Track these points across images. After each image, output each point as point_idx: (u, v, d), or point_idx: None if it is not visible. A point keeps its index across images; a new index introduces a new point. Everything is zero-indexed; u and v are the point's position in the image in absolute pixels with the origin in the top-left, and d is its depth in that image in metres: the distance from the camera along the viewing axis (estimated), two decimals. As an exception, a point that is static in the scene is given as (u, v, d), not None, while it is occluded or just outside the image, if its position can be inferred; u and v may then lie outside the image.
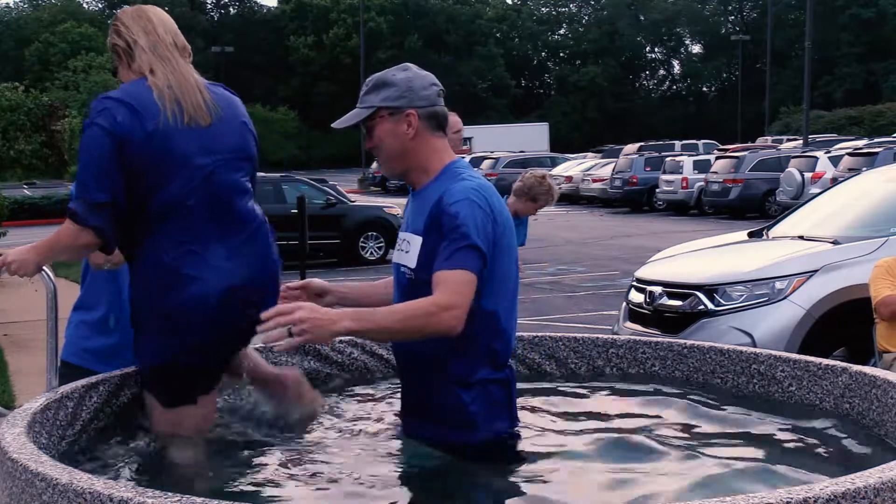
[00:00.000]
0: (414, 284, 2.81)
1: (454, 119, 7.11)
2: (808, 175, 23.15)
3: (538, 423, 3.04)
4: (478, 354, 2.81)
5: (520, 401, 2.98)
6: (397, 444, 2.91)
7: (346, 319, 2.63)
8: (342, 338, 3.57)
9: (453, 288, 2.68)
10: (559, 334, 3.66)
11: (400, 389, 3.02)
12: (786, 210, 10.40)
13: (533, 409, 3.17)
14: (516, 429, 2.90)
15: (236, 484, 2.59)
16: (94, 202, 2.82)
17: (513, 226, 2.92)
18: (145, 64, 2.98)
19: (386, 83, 2.89)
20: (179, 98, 2.92)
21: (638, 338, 3.66)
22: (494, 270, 2.79)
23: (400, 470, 2.74)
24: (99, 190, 2.81)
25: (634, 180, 31.91)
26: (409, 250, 2.86)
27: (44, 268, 3.06)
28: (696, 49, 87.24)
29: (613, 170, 33.25)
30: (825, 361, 3.10)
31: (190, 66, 3.10)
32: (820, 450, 2.77)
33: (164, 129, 2.84)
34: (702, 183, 28.12)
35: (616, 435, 2.91)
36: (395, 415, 3.10)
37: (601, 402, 3.32)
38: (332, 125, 3.02)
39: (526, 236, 6.64)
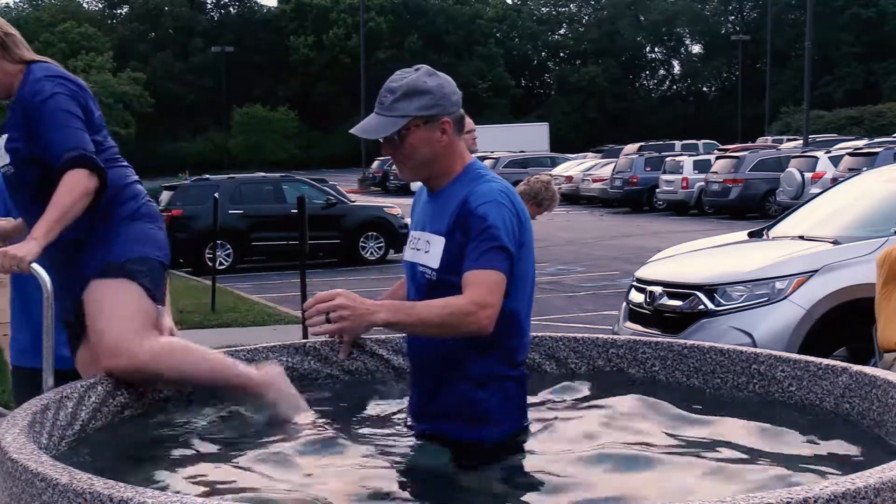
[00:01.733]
0: (435, 285, 2.82)
1: (467, 120, 7.13)
2: (808, 175, 23.16)
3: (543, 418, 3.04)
4: (498, 352, 2.83)
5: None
6: (405, 442, 2.91)
7: (383, 311, 2.68)
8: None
9: (488, 287, 2.71)
10: (559, 334, 3.66)
11: (410, 389, 3.03)
12: (786, 210, 10.40)
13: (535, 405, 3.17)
14: (527, 425, 2.92)
15: (237, 483, 2.59)
16: (90, 150, 3.13)
17: (531, 228, 2.94)
18: (26, 52, 3.35)
19: (419, 90, 2.84)
20: None
21: (638, 338, 3.66)
22: (516, 270, 2.81)
23: (407, 469, 2.73)
24: (87, 141, 3.15)
25: (634, 180, 31.91)
26: (429, 250, 2.86)
27: (39, 268, 3.06)
28: (696, 49, 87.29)
29: (613, 170, 33.27)
30: (825, 361, 3.10)
31: None
32: (820, 450, 2.77)
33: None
34: (702, 183, 28.14)
35: (617, 434, 2.91)
36: (403, 413, 3.10)
37: (603, 400, 3.32)
38: (354, 132, 2.98)
39: None
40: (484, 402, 2.81)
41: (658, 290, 7.14)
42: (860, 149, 23.54)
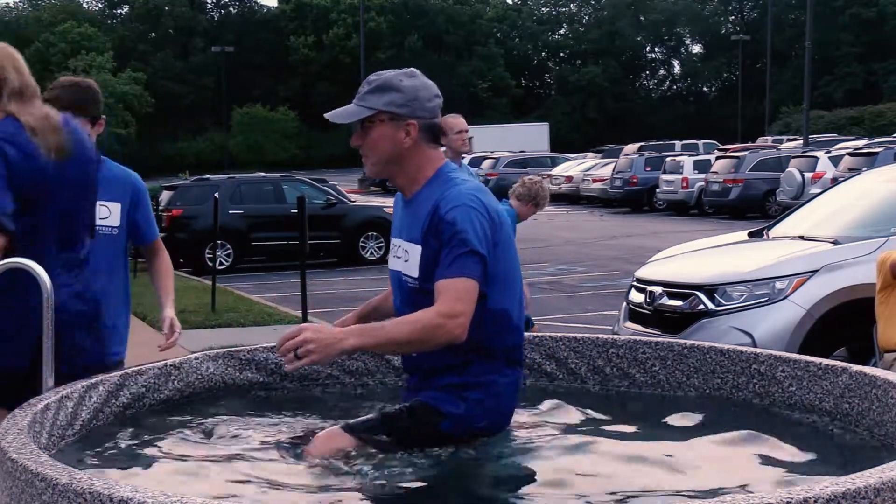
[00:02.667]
0: (419, 293, 2.82)
1: (459, 121, 7.18)
2: (808, 175, 23.17)
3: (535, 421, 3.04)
4: (497, 355, 2.84)
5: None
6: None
7: (351, 337, 2.67)
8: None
9: (456, 296, 2.69)
10: (559, 334, 3.66)
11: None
12: (786, 210, 10.40)
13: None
14: (509, 427, 2.91)
15: (238, 483, 2.59)
16: (5, 211, 3.00)
17: (509, 222, 2.94)
18: (13, 105, 3.15)
19: (392, 87, 2.86)
20: (41, 136, 3.14)
21: (638, 338, 3.66)
22: (498, 269, 2.81)
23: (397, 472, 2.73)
24: (6, 200, 3.01)
25: (634, 180, 31.92)
26: (408, 259, 2.87)
27: (39, 268, 3.06)
28: (697, 49, 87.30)
29: (613, 170, 33.28)
30: (825, 361, 3.10)
31: (46, 105, 3.28)
32: (820, 450, 2.77)
33: (36, 163, 3.09)
34: (702, 183, 28.15)
35: (613, 433, 2.91)
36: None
37: (599, 403, 3.32)
38: (327, 116, 3.00)
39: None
40: (476, 402, 2.80)
41: (658, 290, 7.14)
42: (860, 149, 23.55)
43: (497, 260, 2.80)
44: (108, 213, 3.93)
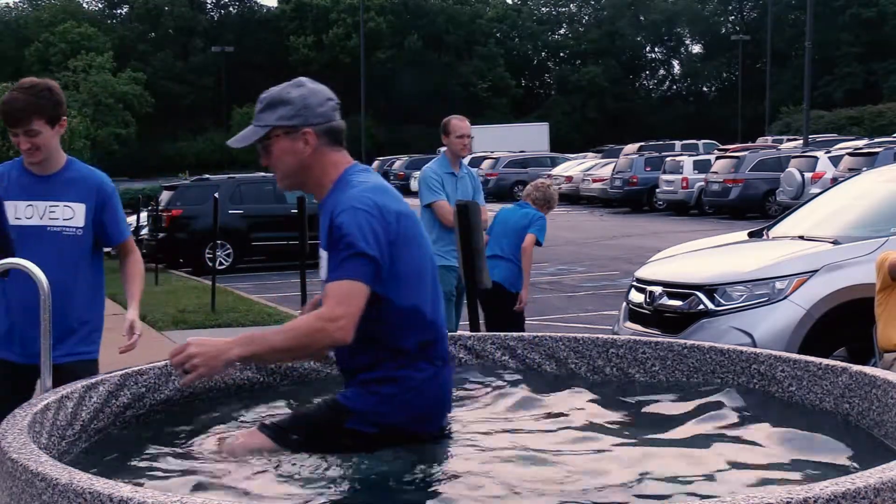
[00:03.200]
0: None
1: (463, 125, 7.25)
2: (808, 175, 23.16)
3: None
4: (410, 351, 2.82)
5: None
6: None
7: (235, 347, 2.69)
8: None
9: (337, 300, 2.69)
10: (559, 334, 3.66)
11: None
12: (786, 210, 10.40)
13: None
14: (439, 430, 2.89)
15: (238, 482, 2.59)
16: None
17: (415, 219, 2.90)
18: None
19: (282, 101, 2.88)
20: None
21: (638, 338, 3.66)
22: (399, 267, 2.79)
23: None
24: None
25: (634, 180, 31.92)
26: (322, 265, 2.88)
27: (37, 269, 3.08)
28: (696, 49, 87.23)
29: (613, 170, 33.27)
30: (825, 361, 3.10)
31: None
32: (820, 450, 2.77)
33: None
34: (702, 183, 28.14)
35: (612, 433, 2.91)
36: None
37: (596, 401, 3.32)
38: (228, 143, 3.04)
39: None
40: (388, 397, 2.79)
41: (658, 290, 7.13)
42: (860, 149, 23.54)
43: (397, 258, 2.78)
44: (73, 214, 3.93)
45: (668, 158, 31.54)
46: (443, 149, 7.70)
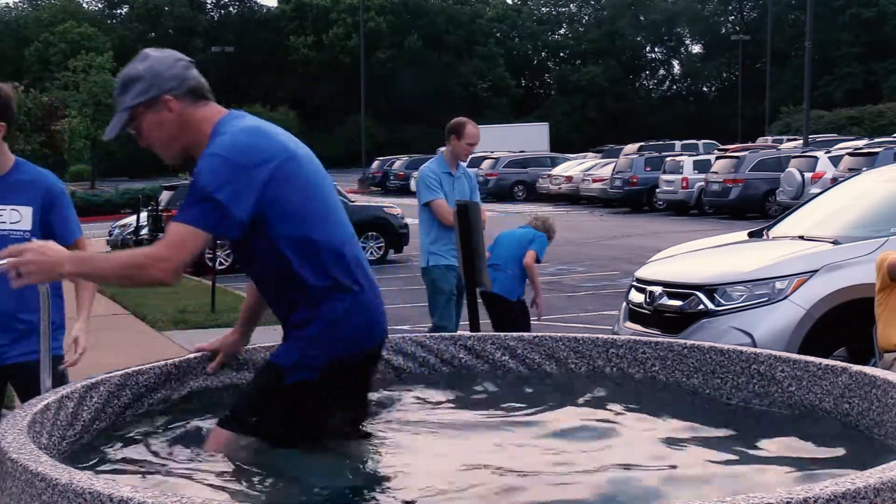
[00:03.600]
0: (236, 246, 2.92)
1: (476, 132, 7.31)
2: (808, 175, 23.15)
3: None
4: (320, 287, 2.83)
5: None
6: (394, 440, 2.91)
7: (67, 264, 2.76)
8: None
9: (170, 241, 2.72)
10: (559, 334, 3.66)
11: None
12: (786, 210, 10.39)
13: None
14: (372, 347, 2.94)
15: (238, 482, 2.59)
16: None
17: (298, 155, 2.86)
18: None
19: (132, 79, 2.89)
20: None
21: (638, 338, 3.66)
22: (286, 205, 2.77)
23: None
24: None
25: (634, 180, 31.91)
26: None
27: None
28: (696, 49, 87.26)
29: (613, 170, 33.26)
30: (825, 361, 3.10)
31: None
32: (820, 450, 2.77)
33: None
34: (702, 183, 28.13)
35: (611, 431, 2.91)
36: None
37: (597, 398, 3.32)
38: (104, 139, 3.07)
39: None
40: (313, 339, 2.83)
41: (658, 290, 7.13)
42: (860, 149, 23.54)
43: (279, 197, 2.76)
44: (20, 217, 3.90)
45: (668, 158, 31.53)
46: (442, 149, 7.71)
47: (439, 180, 7.22)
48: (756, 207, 26.01)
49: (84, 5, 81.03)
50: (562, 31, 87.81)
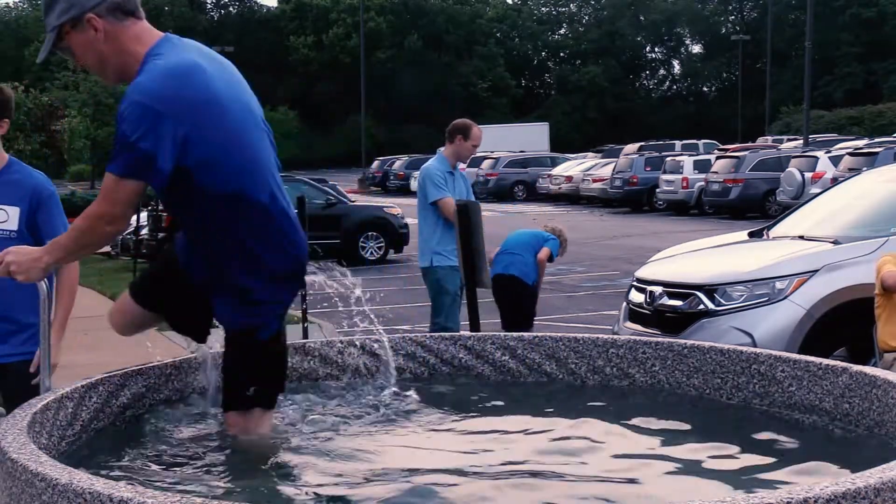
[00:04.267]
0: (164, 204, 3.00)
1: (481, 135, 7.40)
2: (808, 175, 23.15)
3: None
4: (251, 241, 2.85)
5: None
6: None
7: (45, 255, 2.84)
8: (343, 339, 3.60)
9: (103, 195, 2.76)
10: (559, 334, 3.66)
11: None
12: (786, 210, 10.39)
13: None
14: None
15: (237, 482, 2.58)
16: None
17: (220, 100, 2.82)
18: None
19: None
20: None
21: (638, 338, 3.66)
22: (206, 154, 2.76)
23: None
24: None
25: (635, 180, 31.91)
26: None
27: None
28: (697, 49, 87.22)
29: (614, 170, 33.26)
30: (825, 361, 3.10)
31: None
32: (820, 450, 2.77)
33: None
34: (702, 183, 28.13)
35: (610, 431, 2.91)
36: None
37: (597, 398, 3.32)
38: (37, 61, 3.12)
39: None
40: (252, 292, 2.87)
41: (658, 290, 7.13)
42: (860, 149, 23.53)
43: (200, 147, 2.74)
44: (6, 217, 3.91)
45: (668, 158, 31.52)
46: (442, 148, 7.71)
47: (444, 179, 7.25)
48: (756, 207, 26.01)
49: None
50: (562, 31, 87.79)
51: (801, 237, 7.35)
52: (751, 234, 8.16)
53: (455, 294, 7.21)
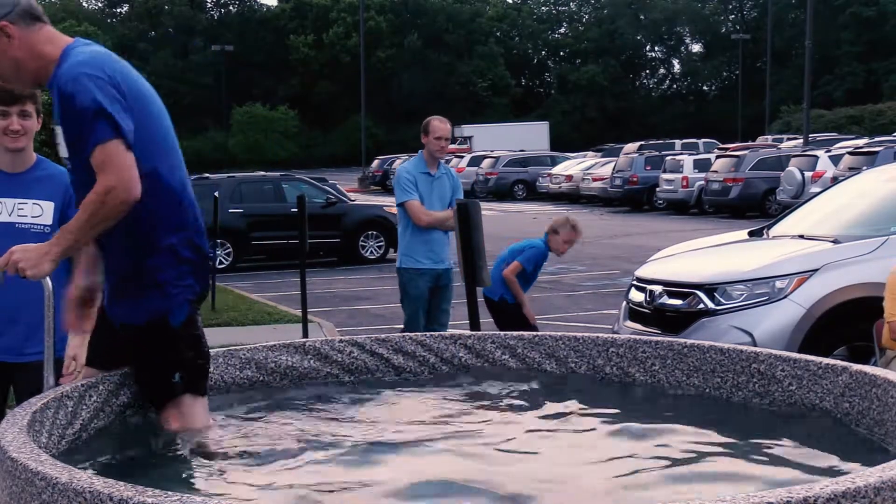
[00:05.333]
0: (76, 184, 2.93)
1: (444, 127, 7.20)
2: (808, 174, 23.15)
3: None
4: (156, 219, 2.87)
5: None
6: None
7: (53, 247, 2.82)
8: (343, 338, 3.60)
9: (102, 170, 2.74)
10: (559, 333, 3.66)
11: None
12: (786, 209, 10.39)
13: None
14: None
15: (237, 482, 2.59)
16: None
17: (145, 89, 2.91)
18: None
19: None
20: None
21: (638, 337, 3.66)
22: (137, 122, 2.81)
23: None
24: None
25: (635, 179, 31.91)
26: (60, 143, 2.91)
27: None
28: (697, 48, 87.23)
29: (614, 169, 33.25)
30: (825, 361, 3.10)
31: None
32: (820, 450, 2.77)
33: None
34: (702, 182, 28.13)
35: (610, 431, 2.91)
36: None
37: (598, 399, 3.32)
38: None
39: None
40: (158, 272, 2.88)
41: (658, 289, 7.13)
42: (860, 148, 23.53)
43: (141, 121, 2.82)
44: (41, 212, 3.92)
45: (668, 157, 31.52)
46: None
47: (414, 181, 7.06)
48: (756, 206, 26.01)
49: (84, 4, 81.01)
50: (562, 30, 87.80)
51: (801, 236, 7.35)
52: (751, 234, 8.16)
53: (418, 298, 7.04)
